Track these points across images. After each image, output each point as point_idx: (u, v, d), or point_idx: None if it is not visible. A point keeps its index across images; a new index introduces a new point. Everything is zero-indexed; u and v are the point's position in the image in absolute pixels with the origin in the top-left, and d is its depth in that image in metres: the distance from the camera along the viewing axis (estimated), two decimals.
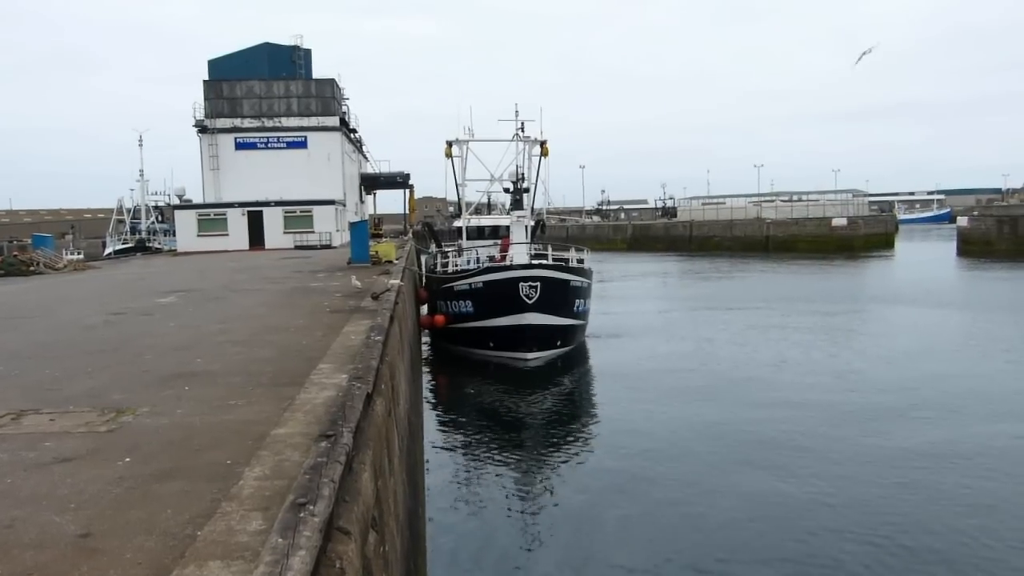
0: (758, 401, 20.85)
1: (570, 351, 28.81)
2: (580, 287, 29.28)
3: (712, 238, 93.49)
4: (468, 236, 35.38)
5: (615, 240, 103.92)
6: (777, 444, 17.05)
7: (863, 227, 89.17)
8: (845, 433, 17.65)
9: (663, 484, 14.88)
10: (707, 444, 17.25)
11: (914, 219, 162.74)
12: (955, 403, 20.05)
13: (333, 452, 5.34)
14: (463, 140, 35.22)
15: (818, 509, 13.38)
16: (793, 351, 27.71)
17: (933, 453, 16.15)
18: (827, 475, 15.01)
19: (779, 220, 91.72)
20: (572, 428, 19.87)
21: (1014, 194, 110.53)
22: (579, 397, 24.06)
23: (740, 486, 14.63)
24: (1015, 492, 13.95)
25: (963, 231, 78.90)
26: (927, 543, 11.99)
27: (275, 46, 61.40)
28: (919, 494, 13.91)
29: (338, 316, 13.79)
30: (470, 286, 28.34)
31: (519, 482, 15.59)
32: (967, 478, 14.65)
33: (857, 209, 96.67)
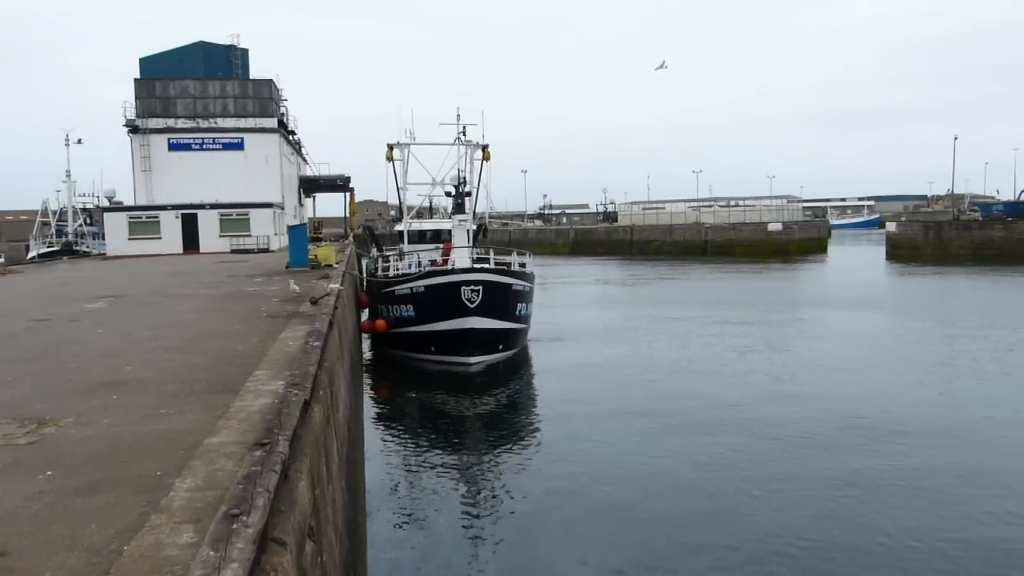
0: (698, 404, 21.14)
1: (512, 355, 28.83)
2: (522, 291, 29.33)
3: (652, 242, 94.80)
4: (409, 240, 35.14)
5: (557, 244, 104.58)
6: (717, 445, 17.29)
7: (798, 232, 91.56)
8: (781, 433, 18.02)
9: (606, 486, 14.95)
10: (648, 446, 17.41)
11: (846, 224, 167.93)
12: (886, 405, 20.64)
13: (268, 461, 5.19)
14: (404, 143, 34.98)
15: (757, 508, 13.60)
16: (731, 354, 28.21)
17: (864, 449, 16.60)
18: (767, 475, 15.28)
19: (717, 225, 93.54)
20: (515, 432, 19.86)
21: (938, 201, 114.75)
22: (521, 401, 24.07)
23: (682, 487, 14.79)
24: (944, 483, 14.42)
25: (891, 236, 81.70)
26: (868, 541, 12.28)
27: (211, 45, 60.07)
28: (852, 492, 14.26)
29: (275, 321, 13.50)
30: (411, 290, 28.13)
31: (462, 487, 15.50)
32: (897, 476, 15.08)
33: (792, 215, 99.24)
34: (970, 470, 15.35)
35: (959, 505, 13.60)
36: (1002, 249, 72.19)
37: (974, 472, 15.23)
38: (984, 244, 73.83)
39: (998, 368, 24.97)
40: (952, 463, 15.79)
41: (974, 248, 73.52)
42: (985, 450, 16.69)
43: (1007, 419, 19.08)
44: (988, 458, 16.13)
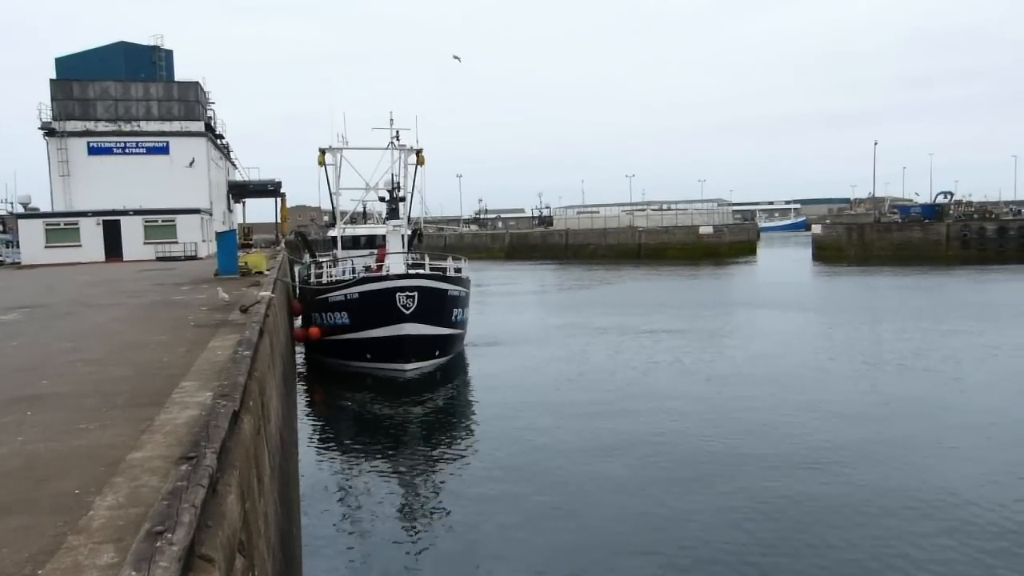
0: (634, 407, 21.36)
1: (449, 361, 28.68)
2: (458, 296, 29.22)
3: (587, 246, 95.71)
4: (343, 246, 34.67)
5: (493, 249, 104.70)
6: (652, 447, 17.50)
7: (728, 235, 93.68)
8: (716, 433, 18.34)
9: (543, 491, 14.95)
10: (585, 450, 17.49)
11: (774, 227, 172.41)
12: (814, 402, 21.23)
13: (195, 475, 5.01)
14: (337, 148, 34.50)
15: (693, 509, 13.78)
16: (666, 356, 28.62)
17: (795, 446, 17.02)
18: (702, 476, 15.51)
19: (650, 228, 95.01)
20: (452, 438, 19.73)
21: (860, 203, 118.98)
22: (458, 407, 23.94)
23: (619, 491, 14.89)
24: (866, 477, 14.88)
25: (817, 238, 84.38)
26: (804, 537, 12.56)
27: (132, 45, 58.20)
28: (785, 490, 14.58)
29: (203, 331, 13.12)
30: (345, 297, 27.74)
31: (399, 496, 15.30)
32: (825, 471, 15.50)
33: (722, 218, 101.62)
34: (897, 465, 15.88)
35: (883, 498, 14.03)
36: (920, 250, 75.22)
37: (900, 466, 15.75)
38: (903, 245, 76.79)
39: (920, 364, 25.94)
40: (877, 457, 16.31)
41: (894, 249, 76.40)
42: (910, 444, 17.28)
43: (929, 412, 19.84)
44: (913, 452, 16.71)
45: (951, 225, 77.97)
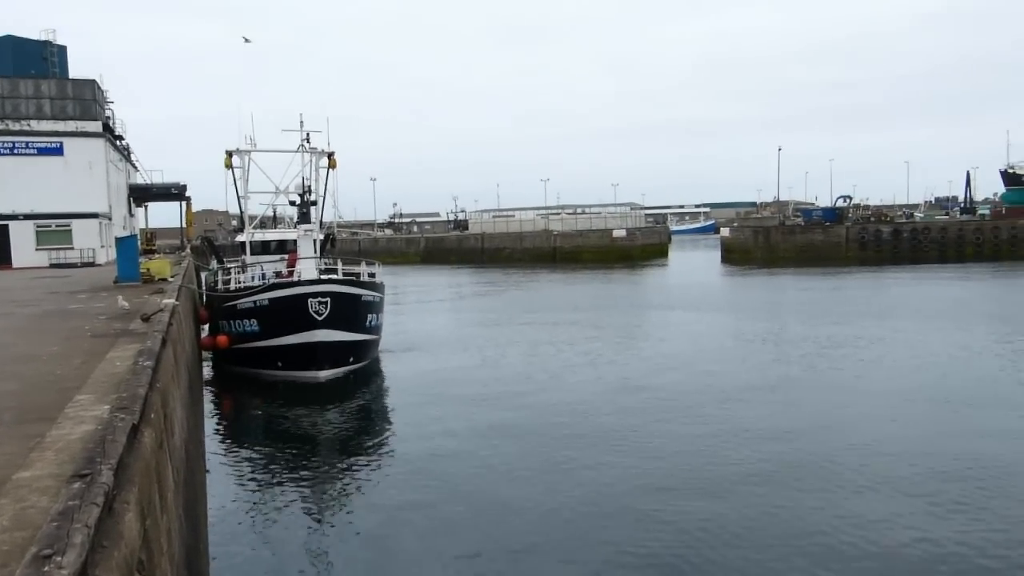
0: (549, 409, 21.50)
1: (363, 367, 28.25)
2: (372, 301, 28.82)
3: (503, 250, 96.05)
4: (252, 251, 33.73)
5: (408, 253, 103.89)
6: (567, 449, 17.62)
7: (640, 238, 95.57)
8: (629, 432, 18.61)
9: (460, 497, 14.86)
10: (501, 455, 17.48)
11: (684, 230, 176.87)
12: (726, 398, 21.82)
13: (88, 493, 4.74)
14: (245, 150, 33.56)
15: (608, 509, 13.93)
16: (581, 359, 28.95)
17: (709, 441, 17.43)
18: (614, 475, 15.71)
19: (565, 232, 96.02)
20: (366, 446, 19.41)
21: (766, 207, 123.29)
22: (373, 413, 23.60)
23: (533, 494, 14.93)
24: (778, 472, 15.37)
25: (726, 241, 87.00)
26: (720, 534, 12.84)
27: (21, 40, 55.07)
28: (698, 485, 14.91)
29: (101, 341, 12.50)
30: (255, 303, 26.99)
31: (312, 506, 14.93)
32: (737, 468, 15.93)
33: (635, 221, 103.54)
34: (802, 459, 16.46)
35: (794, 492, 14.51)
36: (822, 251, 78.47)
37: (808, 459, 16.34)
38: (806, 247, 79.96)
39: (824, 361, 27.00)
40: (783, 449, 16.88)
41: (798, 251, 79.46)
42: (815, 439, 17.93)
43: (832, 406, 20.66)
44: (817, 445, 17.35)
45: (850, 228, 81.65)
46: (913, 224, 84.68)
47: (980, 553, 11.67)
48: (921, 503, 13.71)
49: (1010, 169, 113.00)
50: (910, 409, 20.32)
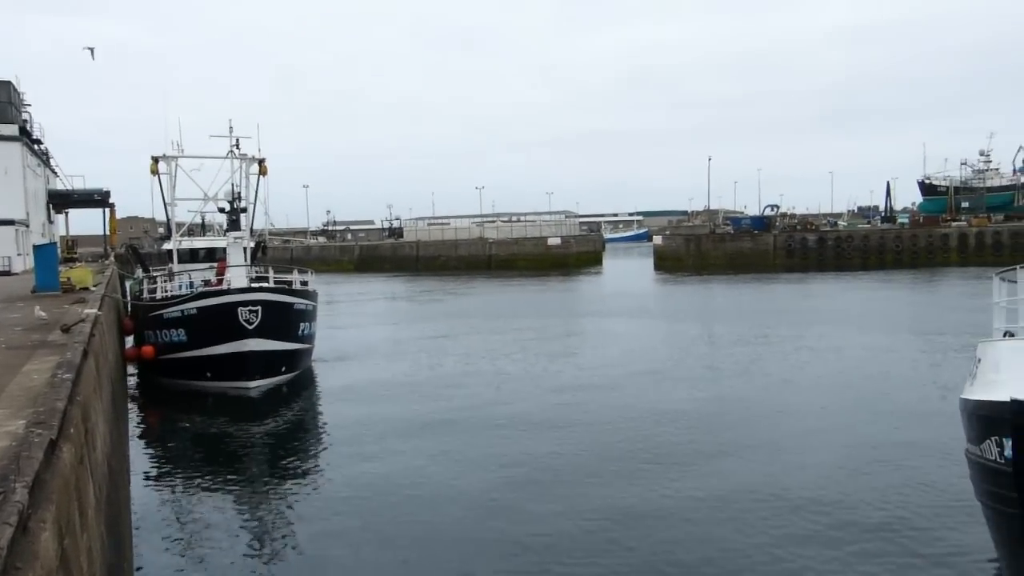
0: (484, 418, 21.43)
1: (296, 377, 27.73)
2: (305, 310, 28.32)
3: (438, 258, 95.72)
4: (180, 259, 32.80)
5: (342, 261, 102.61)
6: (501, 457, 17.60)
7: (575, 246, 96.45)
8: (562, 439, 18.69)
9: (394, 507, 14.67)
10: (436, 463, 17.34)
11: (618, 238, 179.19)
12: (659, 401, 22.11)
13: (1, 513, 4.48)
14: (171, 156, 32.64)
15: (543, 515, 13.91)
16: (514, 366, 29.01)
17: (639, 446, 17.62)
18: (549, 482, 15.74)
19: (500, 240, 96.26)
20: (299, 457, 19.00)
21: (697, 216, 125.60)
22: (306, 425, 23.15)
23: (469, 503, 14.84)
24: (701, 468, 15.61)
25: (658, 249, 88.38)
26: (652, 537, 12.94)
27: None
28: (633, 490, 15.03)
29: (17, 353, 11.92)
30: (182, 313, 26.24)
31: (242, 521, 14.52)
32: (670, 469, 16.13)
33: (569, 229, 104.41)
34: (732, 456, 16.78)
35: (723, 488, 14.76)
36: (751, 259, 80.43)
37: (735, 457, 16.66)
38: (736, 255, 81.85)
39: (753, 365, 27.63)
40: (714, 450, 17.18)
41: (728, 258, 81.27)
42: (744, 437, 18.29)
43: (761, 407, 21.13)
44: (745, 442, 17.70)
45: (777, 236, 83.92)
46: (837, 232, 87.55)
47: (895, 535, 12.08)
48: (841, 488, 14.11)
49: (927, 180, 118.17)
50: (831, 407, 20.92)
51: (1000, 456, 8.63)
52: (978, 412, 9.37)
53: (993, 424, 8.81)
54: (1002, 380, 8.92)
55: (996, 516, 9.33)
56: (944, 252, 78.57)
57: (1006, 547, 9.27)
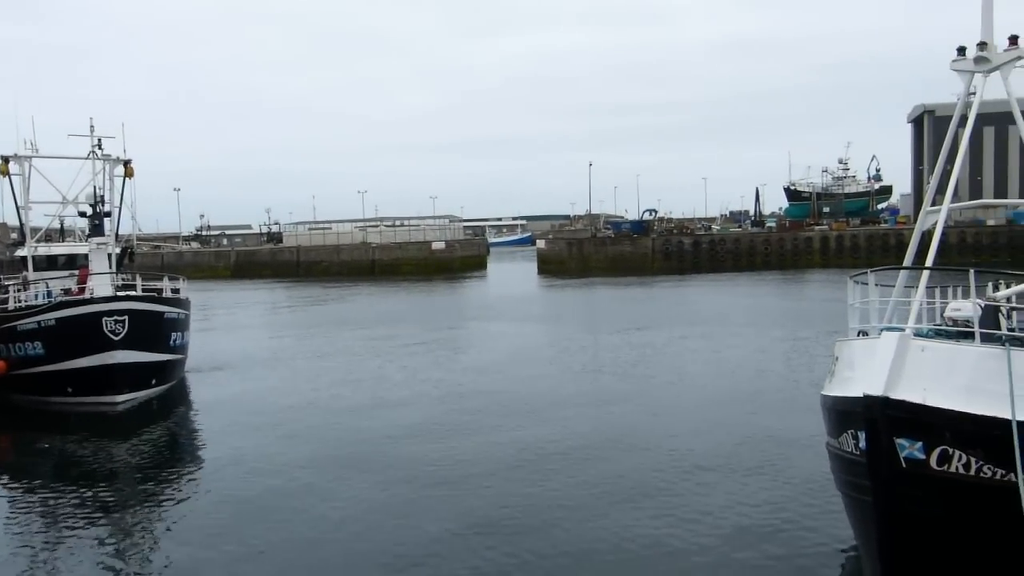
0: (366, 426, 21.05)
1: (167, 390, 26.39)
2: (176, 319, 27.01)
3: (320, 263, 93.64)
4: (36, 267, 30.59)
5: (218, 267, 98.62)
6: (384, 466, 17.30)
7: (460, 250, 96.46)
8: (448, 443, 18.56)
9: (274, 521, 14.13)
10: (316, 474, 16.86)
11: (502, 242, 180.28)
12: (542, 405, 22.33)
13: None
14: (24, 156, 30.43)
15: (426, 522, 13.74)
16: (398, 373, 28.65)
17: (523, 447, 17.71)
18: (431, 487, 15.56)
19: (384, 244, 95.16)
20: (172, 475, 18.01)
21: (579, 220, 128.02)
22: (179, 439, 22.03)
23: (350, 515, 14.50)
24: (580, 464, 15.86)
25: (542, 252, 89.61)
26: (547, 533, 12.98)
27: None
28: (514, 489, 15.08)
29: None
30: (39, 324, 24.50)
31: (111, 546, 13.57)
32: (556, 470, 16.28)
33: (454, 233, 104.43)
34: (612, 454, 17.11)
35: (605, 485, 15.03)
36: (630, 262, 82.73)
37: (615, 456, 17.00)
38: (617, 258, 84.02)
39: (634, 366, 28.35)
40: (596, 450, 17.48)
41: (609, 261, 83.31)
42: (627, 435, 18.71)
43: (642, 404, 21.70)
44: (626, 441, 18.10)
45: (655, 240, 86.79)
46: (711, 236, 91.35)
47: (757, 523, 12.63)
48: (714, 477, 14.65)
49: (792, 186, 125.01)
50: (706, 403, 21.72)
51: (856, 448, 9.14)
52: (835, 407, 9.89)
53: (849, 418, 9.32)
54: (856, 377, 9.43)
55: (853, 503, 9.88)
56: (808, 254, 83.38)
57: (861, 532, 9.82)
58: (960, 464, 8.59)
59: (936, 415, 8.55)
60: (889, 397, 8.60)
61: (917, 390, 8.63)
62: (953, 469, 8.60)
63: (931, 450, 8.59)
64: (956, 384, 8.70)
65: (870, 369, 9.00)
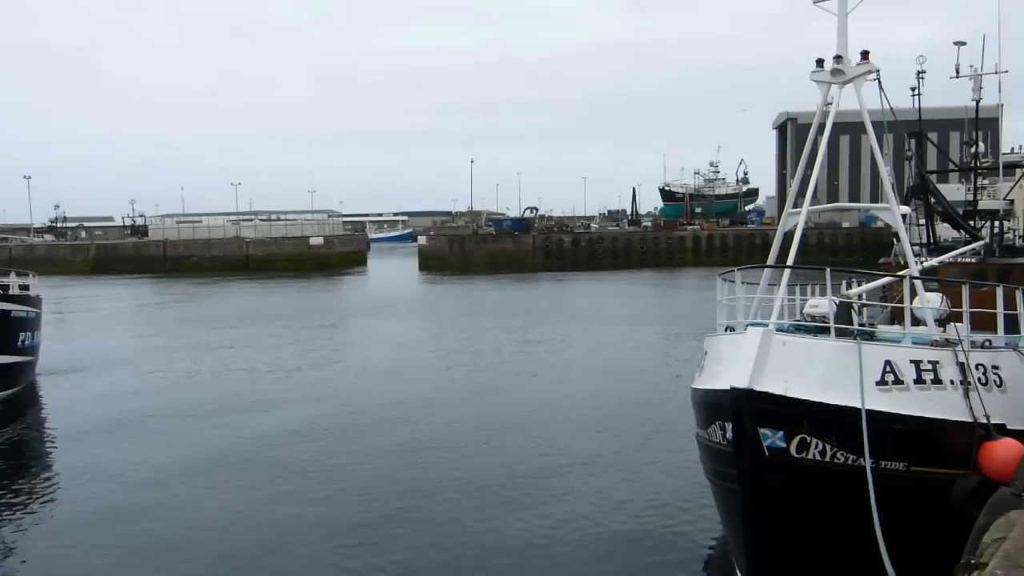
0: (236, 424, 20.28)
1: (14, 394, 24.47)
2: (25, 318, 25.08)
3: (190, 258, 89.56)
4: None
5: (75, 262, 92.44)
6: (252, 463, 16.75)
7: (339, 246, 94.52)
8: (325, 441, 18.08)
9: (137, 524, 13.37)
10: (182, 475, 16.06)
11: (383, 238, 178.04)
12: (423, 400, 22.13)
13: None
14: None
15: (297, 524, 13.30)
16: (273, 371, 27.74)
17: (419, 442, 17.47)
18: (299, 486, 15.10)
19: (259, 239, 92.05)
20: (24, 485, 16.60)
21: (461, 216, 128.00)
22: (30, 446, 20.41)
23: (219, 514, 13.86)
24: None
25: (423, 249, 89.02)
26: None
27: None
28: (401, 485, 14.83)
29: None
30: None
31: None
32: (444, 459, 16.12)
33: (332, 229, 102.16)
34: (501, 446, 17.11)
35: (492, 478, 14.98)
36: (512, 259, 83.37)
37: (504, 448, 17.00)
38: (498, 255, 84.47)
39: (515, 361, 28.53)
40: (482, 443, 17.44)
41: (491, 258, 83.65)
42: (509, 427, 18.75)
43: (524, 399, 21.83)
44: (509, 434, 18.15)
45: (536, 237, 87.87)
46: (590, 234, 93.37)
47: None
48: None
49: (666, 187, 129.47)
50: (583, 396, 22.12)
51: (723, 438, 9.43)
52: (704, 400, 10.19)
53: (716, 410, 9.61)
54: (724, 370, 9.74)
55: (721, 492, 10.20)
56: (681, 253, 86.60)
57: (729, 518, 10.17)
58: (817, 451, 9.02)
59: (795, 405, 8.94)
60: (754, 389, 8.91)
61: (779, 382, 8.98)
62: (811, 456, 9.01)
63: (791, 438, 8.97)
64: (813, 376, 9.12)
65: (736, 363, 9.30)
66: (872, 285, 13.71)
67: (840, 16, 12.32)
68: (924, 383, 9.46)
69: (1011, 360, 10.61)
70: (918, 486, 9.17)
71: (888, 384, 9.27)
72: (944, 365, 9.61)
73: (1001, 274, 15.03)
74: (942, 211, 19.84)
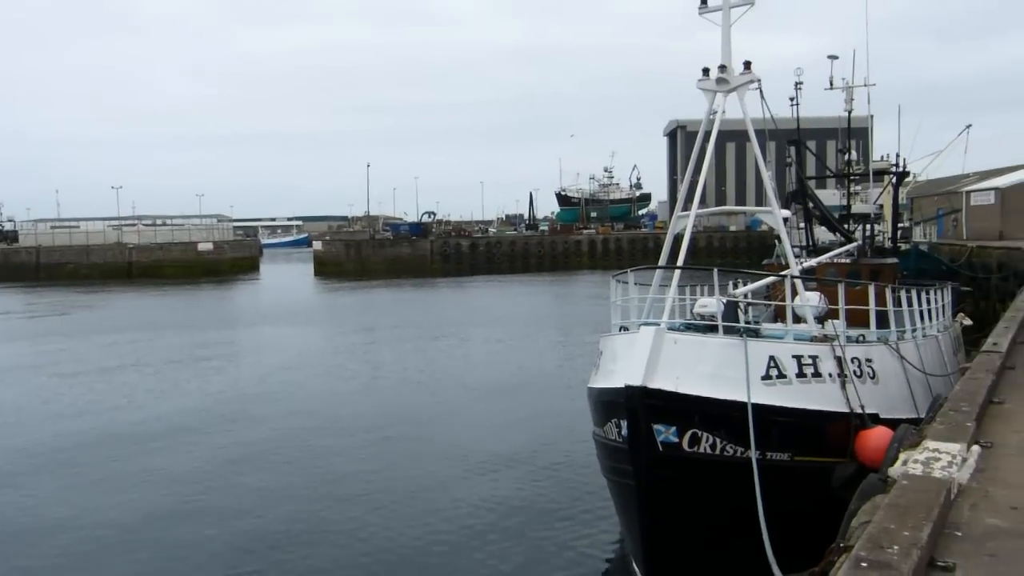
0: (119, 435, 19.33)
1: None
2: None
3: (66, 265, 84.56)
4: None
5: None
6: (140, 471, 15.95)
7: (229, 251, 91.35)
8: (215, 454, 17.43)
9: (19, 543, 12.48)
10: (68, 489, 15.15)
11: (277, 243, 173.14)
12: (322, 411, 21.65)
13: None
14: None
15: (185, 537, 12.75)
16: (154, 386, 26.58)
17: (303, 453, 17.03)
18: (189, 498, 14.52)
19: (143, 245, 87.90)
20: None
21: (357, 221, 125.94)
22: None
23: (102, 524, 13.13)
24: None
25: (318, 254, 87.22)
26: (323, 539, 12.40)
27: None
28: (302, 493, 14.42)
29: None
30: None
31: None
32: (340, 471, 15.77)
33: (223, 234, 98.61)
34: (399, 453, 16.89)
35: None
36: (409, 264, 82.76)
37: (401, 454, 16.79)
38: (396, 260, 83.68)
39: (415, 368, 28.29)
40: (380, 450, 17.18)
41: (388, 263, 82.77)
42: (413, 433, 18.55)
43: (421, 401, 21.64)
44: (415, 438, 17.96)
45: (434, 242, 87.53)
46: (488, 239, 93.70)
47: None
48: None
49: (563, 191, 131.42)
50: (484, 398, 22.16)
51: (619, 435, 9.60)
52: (600, 398, 10.35)
53: (612, 408, 9.78)
54: (618, 369, 9.92)
55: (617, 488, 10.38)
56: (578, 256, 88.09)
57: (624, 513, 10.36)
58: (707, 444, 9.30)
59: (686, 401, 9.19)
60: (647, 386, 9.10)
61: (671, 379, 9.22)
62: (702, 450, 9.29)
63: (683, 433, 9.23)
64: (703, 372, 9.41)
65: (630, 361, 9.48)
66: (757, 285, 14.29)
67: (724, 27, 12.79)
68: (805, 377, 9.91)
69: (883, 353, 11.27)
70: (801, 475, 9.59)
71: (772, 378, 9.67)
72: (823, 359, 10.10)
73: (873, 274, 15.93)
74: (819, 215, 20.89)
